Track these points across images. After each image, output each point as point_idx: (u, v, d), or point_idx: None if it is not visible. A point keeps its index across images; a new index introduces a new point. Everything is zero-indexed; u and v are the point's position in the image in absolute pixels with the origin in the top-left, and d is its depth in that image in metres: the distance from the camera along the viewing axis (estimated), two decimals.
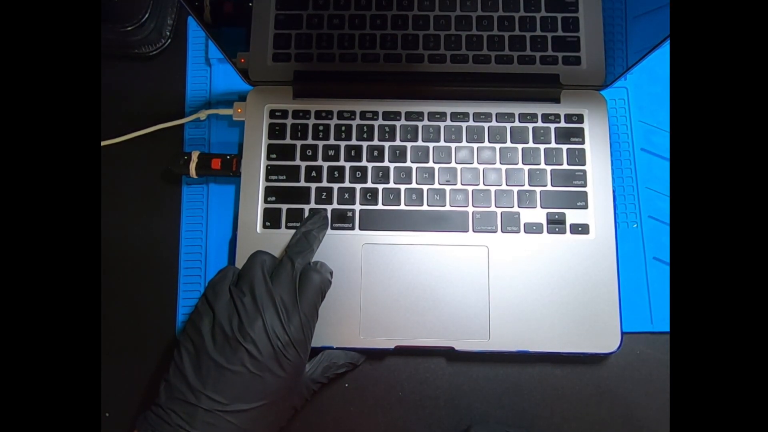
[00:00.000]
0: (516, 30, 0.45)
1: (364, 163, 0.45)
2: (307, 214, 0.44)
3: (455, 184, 0.45)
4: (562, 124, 0.46)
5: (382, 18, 0.45)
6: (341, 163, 0.45)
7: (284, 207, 0.44)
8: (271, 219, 0.44)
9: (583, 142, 0.45)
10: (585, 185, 0.44)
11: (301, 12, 0.45)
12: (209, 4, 0.42)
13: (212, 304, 0.36)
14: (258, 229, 0.44)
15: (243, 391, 0.34)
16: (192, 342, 0.36)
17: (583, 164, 0.45)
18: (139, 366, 0.44)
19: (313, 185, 0.45)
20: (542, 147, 0.45)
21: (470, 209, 0.44)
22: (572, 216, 0.44)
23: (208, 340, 0.35)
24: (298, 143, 0.45)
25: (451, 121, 0.46)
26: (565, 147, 0.45)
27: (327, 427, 0.43)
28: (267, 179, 0.45)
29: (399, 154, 0.45)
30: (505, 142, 0.45)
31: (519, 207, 0.44)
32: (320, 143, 0.45)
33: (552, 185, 0.44)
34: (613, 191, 0.44)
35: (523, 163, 0.45)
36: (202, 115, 0.48)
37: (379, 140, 0.46)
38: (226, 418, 0.34)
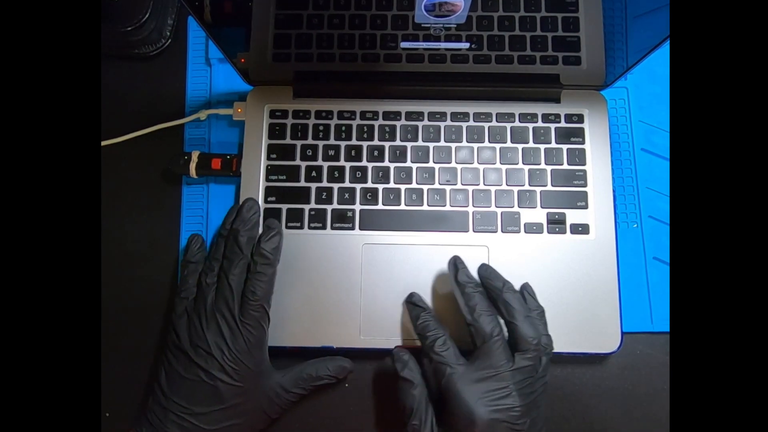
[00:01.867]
0: (516, 30, 0.45)
1: (364, 163, 0.45)
2: (307, 214, 0.44)
3: (455, 184, 0.45)
4: (563, 124, 0.46)
5: (382, 18, 0.45)
6: (341, 163, 0.45)
7: (284, 207, 0.44)
8: None
9: (583, 142, 0.45)
10: (585, 185, 0.44)
11: (301, 12, 0.45)
12: (209, 4, 0.42)
13: (173, 322, 0.40)
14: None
15: (200, 397, 0.38)
16: (164, 353, 0.40)
17: (584, 164, 0.45)
18: (138, 366, 0.44)
19: (313, 185, 0.45)
20: (542, 147, 0.45)
21: (470, 209, 0.44)
22: (572, 216, 0.44)
23: (174, 352, 0.39)
24: (298, 143, 0.45)
25: (451, 121, 0.46)
26: (565, 147, 0.45)
27: (327, 427, 0.43)
28: (267, 179, 0.45)
29: (399, 154, 0.45)
30: (505, 142, 0.45)
31: (519, 207, 0.44)
32: (320, 143, 0.45)
33: (552, 185, 0.44)
34: (613, 191, 0.44)
35: (523, 163, 0.45)
36: (202, 115, 0.48)
37: (379, 140, 0.46)
38: (191, 420, 0.37)
